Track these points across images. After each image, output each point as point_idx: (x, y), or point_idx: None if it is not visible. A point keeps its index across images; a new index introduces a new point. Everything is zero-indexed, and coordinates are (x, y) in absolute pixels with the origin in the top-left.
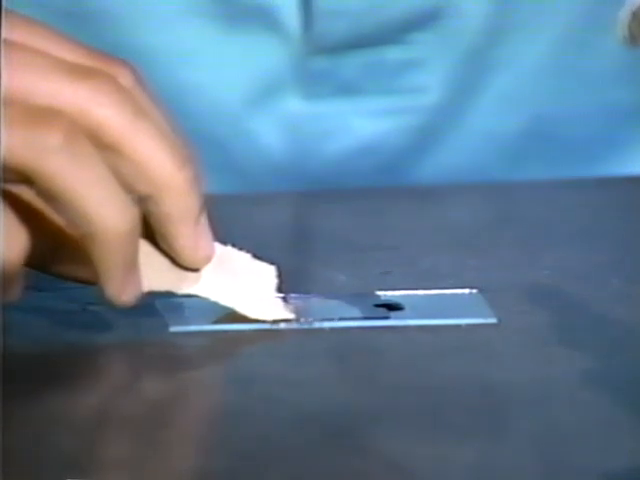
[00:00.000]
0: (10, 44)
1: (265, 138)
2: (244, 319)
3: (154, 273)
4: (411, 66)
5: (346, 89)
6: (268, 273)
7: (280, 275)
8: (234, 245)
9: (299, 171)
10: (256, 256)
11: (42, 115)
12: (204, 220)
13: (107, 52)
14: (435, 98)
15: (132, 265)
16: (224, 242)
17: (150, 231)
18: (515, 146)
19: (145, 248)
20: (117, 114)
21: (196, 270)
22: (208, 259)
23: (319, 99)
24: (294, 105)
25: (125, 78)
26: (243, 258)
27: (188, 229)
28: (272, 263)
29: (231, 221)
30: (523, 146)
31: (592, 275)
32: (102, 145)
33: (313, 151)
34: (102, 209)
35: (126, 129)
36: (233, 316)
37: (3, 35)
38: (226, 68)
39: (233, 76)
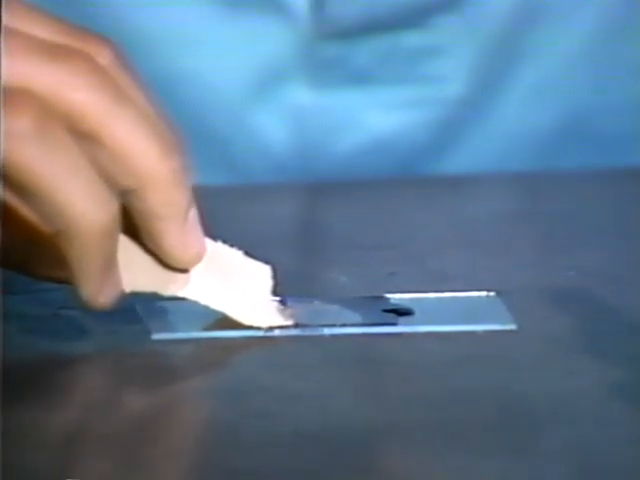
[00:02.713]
0: None
1: (268, 132)
2: (236, 325)
3: (137, 273)
4: (431, 53)
5: (359, 78)
6: (262, 273)
7: (275, 276)
8: (225, 242)
9: (305, 169)
10: (249, 254)
11: (10, 98)
12: (193, 215)
13: (85, 27)
14: (458, 89)
15: (110, 264)
16: (214, 238)
17: (133, 227)
18: (546, 142)
19: (128, 245)
20: (94, 98)
21: (184, 270)
22: (198, 259)
23: (329, 89)
24: (301, 96)
25: (104, 57)
26: (235, 257)
27: (176, 226)
28: (267, 262)
29: (223, 216)
30: (555, 142)
31: (622, 276)
32: (79, 133)
33: (321, 147)
34: (77, 203)
35: (104, 115)
36: (224, 322)
37: (4, 22)
38: (227, 54)
39: (234, 63)
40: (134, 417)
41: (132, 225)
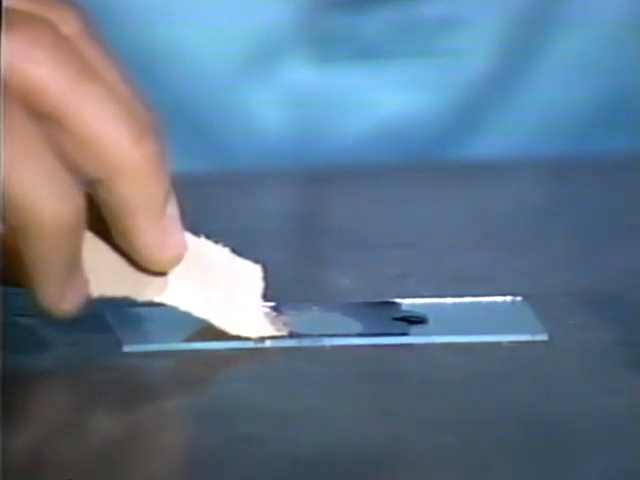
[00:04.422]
0: None
1: (263, 114)
2: (221, 336)
3: (106, 276)
4: (452, 24)
5: (368, 53)
6: (252, 275)
7: (267, 278)
8: (209, 238)
9: (304, 157)
10: (237, 253)
11: None
12: (172, 210)
13: None
14: (482, 65)
15: (74, 265)
16: (197, 234)
17: (102, 223)
18: (585, 123)
19: (95, 244)
20: (57, 74)
21: (161, 273)
22: (177, 260)
23: (333, 65)
24: (301, 72)
25: (70, 26)
26: (221, 255)
27: (151, 222)
28: (258, 262)
29: (207, 208)
30: (595, 123)
31: None
32: (38, 114)
33: (323, 132)
34: (36, 195)
35: (68, 93)
36: (207, 332)
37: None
38: (215, 24)
39: (224, 35)
40: (102, 442)
41: (101, 221)
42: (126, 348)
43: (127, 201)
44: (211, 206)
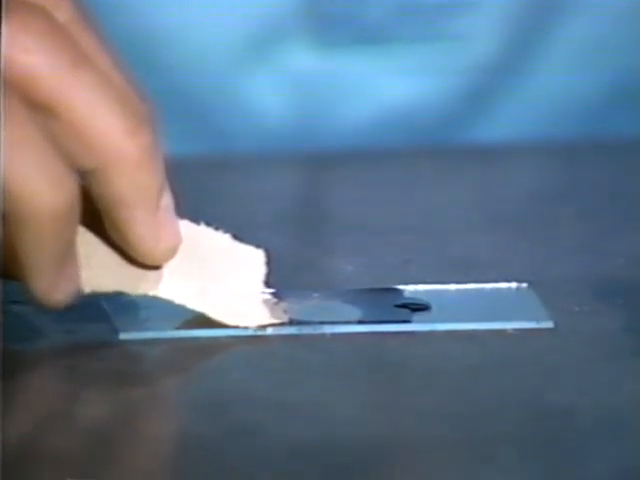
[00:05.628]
0: None
1: (264, 98)
2: (219, 323)
3: (99, 270)
4: (457, 7)
5: (371, 37)
6: (254, 260)
7: (269, 263)
8: (209, 225)
9: (306, 142)
10: (238, 238)
11: None
12: (167, 201)
13: None
14: (488, 49)
15: (68, 255)
16: (196, 221)
17: (96, 215)
18: (592, 107)
19: (88, 237)
20: (50, 62)
21: (156, 266)
22: (172, 253)
23: (335, 49)
24: (302, 57)
25: (63, 12)
26: (221, 242)
27: (145, 214)
28: (259, 247)
29: (207, 193)
30: (603, 107)
31: None
32: (31, 102)
33: (325, 117)
34: (28, 183)
35: (61, 82)
36: (205, 319)
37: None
38: (215, 8)
39: (224, 19)
40: (96, 431)
41: (94, 215)
42: (122, 336)
43: (121, 192)
44: (211, 191)
